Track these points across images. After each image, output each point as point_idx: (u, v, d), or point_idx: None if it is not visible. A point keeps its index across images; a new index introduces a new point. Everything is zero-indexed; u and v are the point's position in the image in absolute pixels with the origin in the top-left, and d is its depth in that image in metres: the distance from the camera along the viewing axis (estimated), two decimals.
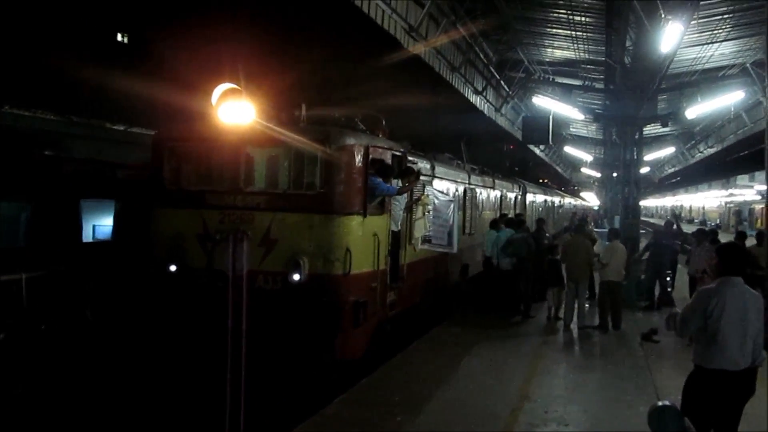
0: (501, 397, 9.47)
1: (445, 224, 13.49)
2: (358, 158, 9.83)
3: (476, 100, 24.80)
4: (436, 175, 14.24)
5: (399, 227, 11.44)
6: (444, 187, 14.67)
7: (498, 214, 20.17)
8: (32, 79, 14.75)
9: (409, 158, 12.18)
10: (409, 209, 11.84)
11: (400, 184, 11.16)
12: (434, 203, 12.99)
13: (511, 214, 20.37)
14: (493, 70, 24.94)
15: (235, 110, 9.06)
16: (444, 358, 11.53)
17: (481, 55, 23.01)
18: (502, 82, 26.63)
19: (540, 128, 22.91)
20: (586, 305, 15.14)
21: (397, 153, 11.60)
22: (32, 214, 10.84)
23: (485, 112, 26.46)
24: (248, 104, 9.08)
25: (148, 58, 16.49)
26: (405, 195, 11.50)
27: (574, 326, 14.47)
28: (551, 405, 9.15)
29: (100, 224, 12.39)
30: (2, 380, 9.25)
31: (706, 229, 20.46)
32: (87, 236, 11.96)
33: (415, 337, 12.50)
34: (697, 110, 23.57)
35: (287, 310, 9.31)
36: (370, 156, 10.10)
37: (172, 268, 9.82)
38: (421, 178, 12.48)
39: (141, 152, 12.02)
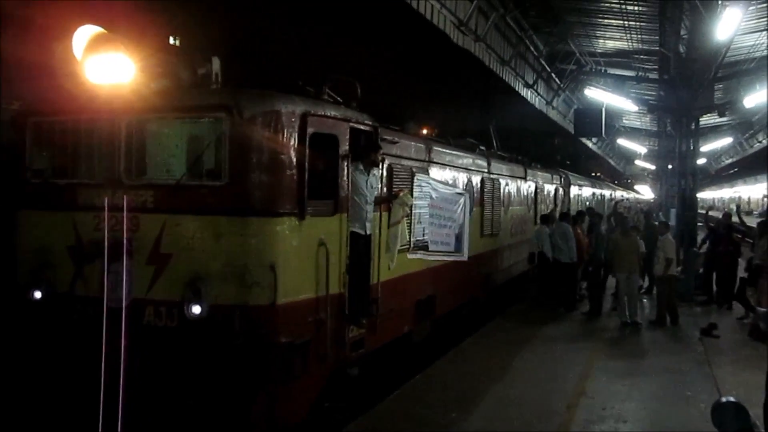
0: (557, 393, 9.37)
1: (451, 224, 11.04)
2: (289, 132, 6.91)
3: (527, 93, 24.67)
4: (434, 160, 11.12)
5: (368, 230, 8.29)
6: (449, 176, 11.69)
7: (533, 210, 18.92)
8: None
9: (386, 137, 9.02)
10: (386, 203, 8.97)
11: (361, 167, 8.10)
12: (431, 197, 10.29)
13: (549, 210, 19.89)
14: (543, 62, 24.74)
15: (108, 65, 6.60)
16: (498, 353, 11.45)
17: (532, 48, 22.83)
18: (553, 75, 26.39)
19: (592, 120, 22.57)
20: (643, 300, 14.90)
21: (363, 127, 8.23)
22: None
23: (536, 105, 26.31)
24: (125, 57, 6.64)
25: None
26: (374, 184, 8.43)
27: (630, 321, 14.24)
28: (609, 401, 9.02)
29: None
30: None
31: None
32: None
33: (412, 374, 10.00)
34: (755, 99, 22.91)
35: (186, 357, 6.65)
36: (311, 129, 7.14)
37: (37, 294, 7.27)
38: (412, 164, 9.99)
39: None
